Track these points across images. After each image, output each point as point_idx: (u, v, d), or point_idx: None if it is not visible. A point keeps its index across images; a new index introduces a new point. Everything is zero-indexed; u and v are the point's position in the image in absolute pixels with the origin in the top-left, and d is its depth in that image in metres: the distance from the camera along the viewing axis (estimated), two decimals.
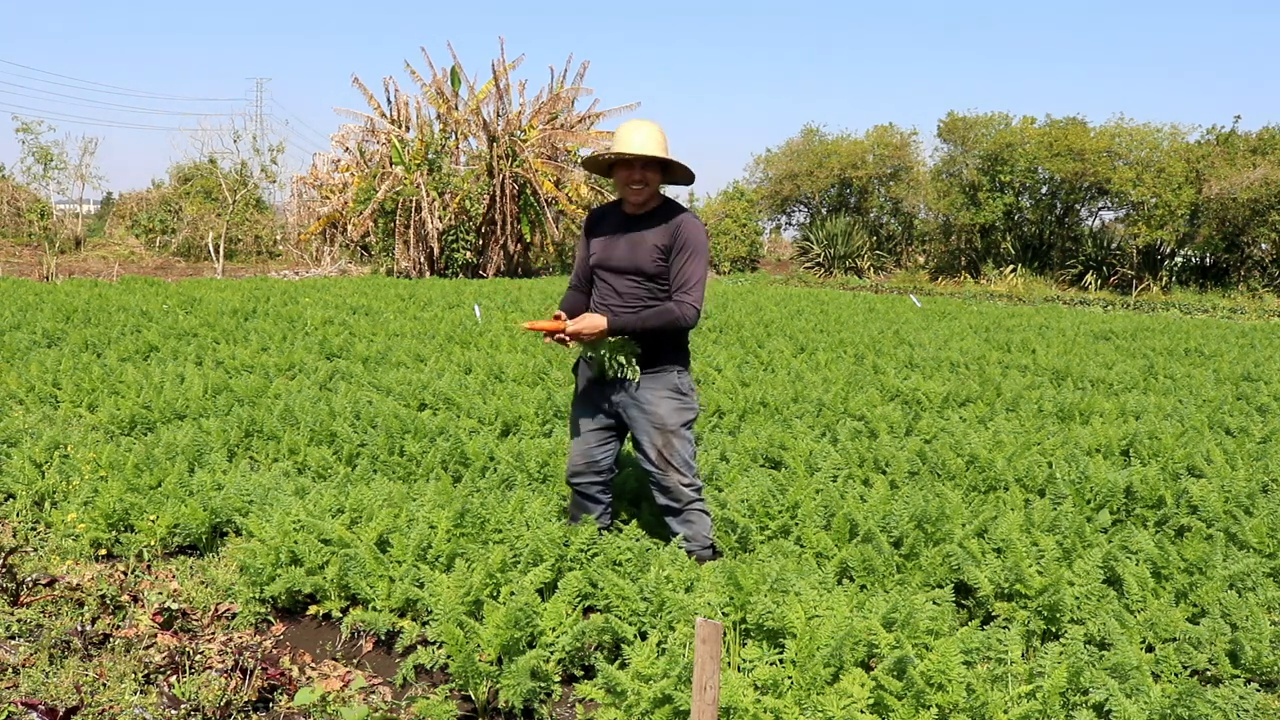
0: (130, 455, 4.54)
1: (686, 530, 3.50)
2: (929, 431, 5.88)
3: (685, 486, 3.43)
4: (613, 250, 3.37)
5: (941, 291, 25.51)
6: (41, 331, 9.14)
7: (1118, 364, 9.12)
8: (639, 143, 3.23)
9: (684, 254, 3.27)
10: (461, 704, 2.85)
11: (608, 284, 3.40)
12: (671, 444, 3.39)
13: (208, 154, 35.90)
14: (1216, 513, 4.10)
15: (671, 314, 3.25)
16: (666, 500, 3.48)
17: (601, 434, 3.55)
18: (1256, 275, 25.18)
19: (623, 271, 3.35)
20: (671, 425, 3.38)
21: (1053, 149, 27.45)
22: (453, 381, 6.95)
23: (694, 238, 3.27)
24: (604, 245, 3.41)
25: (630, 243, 3.33)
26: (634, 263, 3.31)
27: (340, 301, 13.85)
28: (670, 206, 3.38)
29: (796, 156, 34.36)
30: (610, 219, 3.46)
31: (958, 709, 2.50)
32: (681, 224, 3.29)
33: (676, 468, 3.41)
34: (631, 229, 3.36)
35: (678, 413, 3.40)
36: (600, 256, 3.41)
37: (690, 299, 3.26)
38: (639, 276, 3.32)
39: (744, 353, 9.22)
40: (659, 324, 3.26)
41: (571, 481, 3.66)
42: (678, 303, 3.27)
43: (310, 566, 3.42)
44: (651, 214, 3.36)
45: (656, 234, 3.29)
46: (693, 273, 3.27)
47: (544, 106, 26.10)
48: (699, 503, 3.50)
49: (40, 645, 3.02)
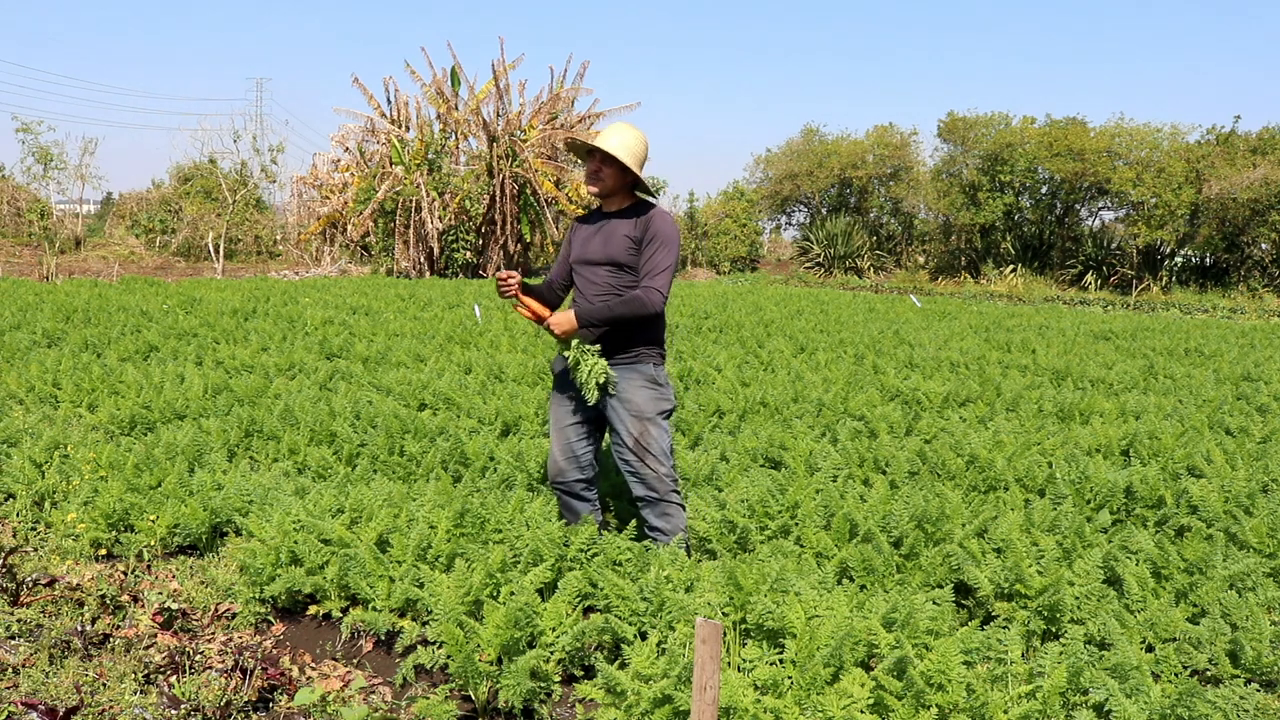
0: (130, 455, 4.54)
1: (664, 524, 3.51)
2: (929, 431, 5.88)
3: (664, 476, 3.47)
4: (589, 244, 3.54)
5: (941, 291, 25.52)
6: (41, 331, 9.14)
7: (1118, 364, 9.12)
8: (604, 138, 3.43)
9: (653, 244, 3.42)
10: (461, 704, 2.85)
11: (584, 277, 3.55)
12: (649, 432, 3.44)
13: (208, 154, 35.96)
14: (1216, 513, 4.10)
15: (638, 300, 3.37)
16: (644, 490, 3.50)
17: (580, 428, 3.60)
18: (1256, 275, 25.18)
19: (597, 263, 3.49)
20: (649, 413, 3.45)
21: (1053, 149, 27.45)
22: (453, 381, 6.95)
23: (663, 230, 3.43)
24: (582, 242, 3.59)
25: (604, 235, 3.49)
26: (607, 254, 3.46)
27: (340, 301, 13.85)
28: (642, 205, 3.54)
29: (796, 156, 34.36)
30: (590, 220, 3.65)
31: (958, 709, 2.50)
32: (652, 218, 3.46)
33: (655, 455, 3.45)
34: (606, 224, 3.53)
35: (654, 402, 3.47)
36: (578, 252, 3.58)
37: (656, 284, 3.39)
38: (611, 266, 3.46)
39: (744, 353, 9.22)
40: (626, 311, 3.38)
41: (555, 483, 3.66)
42: (644, 289, 3.39)
43: (310, 566, 3.42)
44: (624, 210, 3.52)
45: (628, 226, 3.45)
46: (660, 261, 3.41)
47: (544, 106, 26.11)
48: (676, 494, 3.52)
49: (40, 645, 3.02)
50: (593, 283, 3.50)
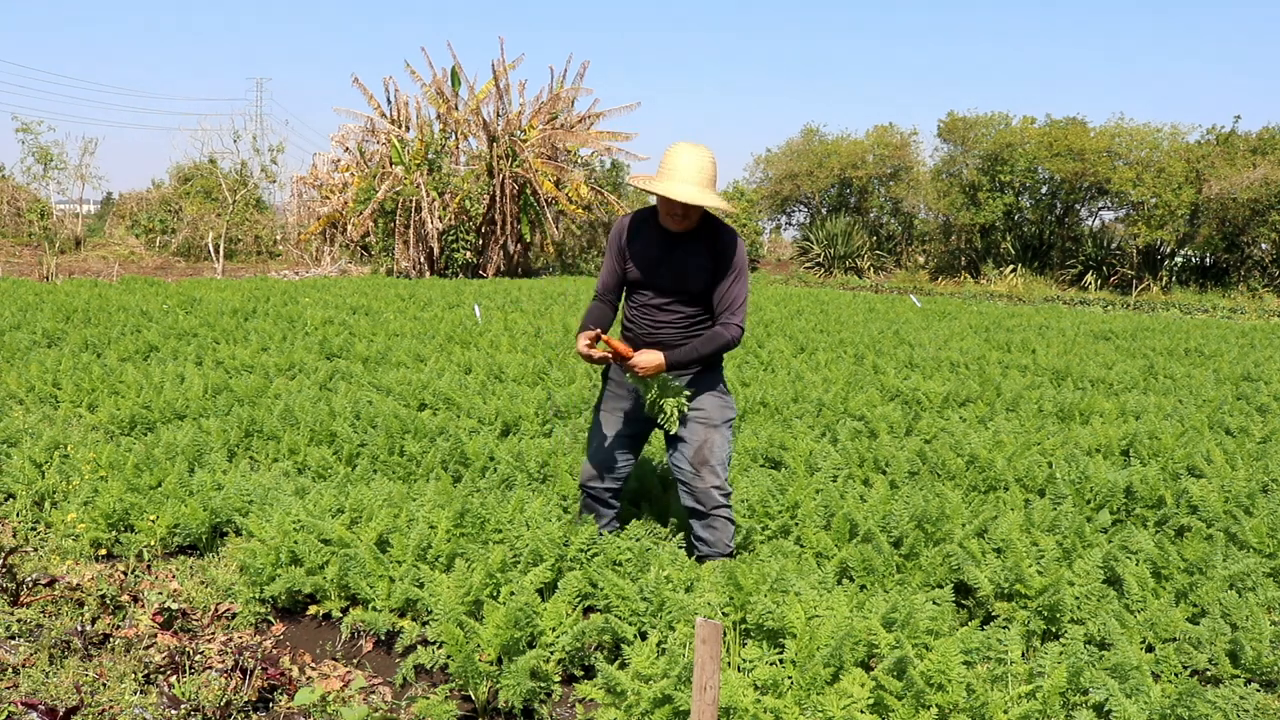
0: (130, 455, 4.54)
1: (709, 535, 3.47)
2: (929, 431, 5.88)
3: (715, 490, 3.41)
4: (656, 272, 3.34)
5: (941, 291, 25.52)
6: (41, 331, 9.14)
7: (1118, 364, 9.12)
8: (682, 188, 3.12)
9: (730, 275, 3.28)
10: (461, 704, 2.85)
11: (652, 305, 3.39)
12: (712, 440, 3.40)
13: (208, 154, 35.96)
14: (1216, 513, 4.10)
15: (721, 339, 3.31)
16: (692, 503, 3.45)
17: (624, 441, 3.55)
18: (1256, 275, 25.19)
19: (668, 292, 3.35)
20: (716, 420, 3.42)
21: (1053, 149, 27.46)
22: (453, 381, 6.95)
23: (739, 259, 3.30)
24: (645, 264, 3.35)
25: (674, 264, 3.31)
26: (681, 286, 3.32)
27: (340, 301, 13.85)
28: (711, 223, 3.33)
29: (796, 156, 34.37)
30: (647, 233, 3.37)
31: (958, 709, 2.50)
32: (727, 243, 3.27)
33: (713, 467, 3.39)
34: (674, 248, 3.30)
35: (721, 409, 3.45)
36: (642, 276, 3.37)
37: (736, 320, 3.31)
38: (684, 297, 3.34)
39: (744, 353, 9.22)
40: (711, 350, 3.32)
41: (585, 485, 3.63)
42: (724, 325, 3.31)
43: (310, 566, 3.42)
44: (694, 232, 3.30)
45: (699, 250, 3.28)
46: (738, 294, 3.30)
47: (544, 106, 26.11)
48: (726, 509, 3.46)
49: (40, 645, 3.02)
50: (659, 309, 3.37)
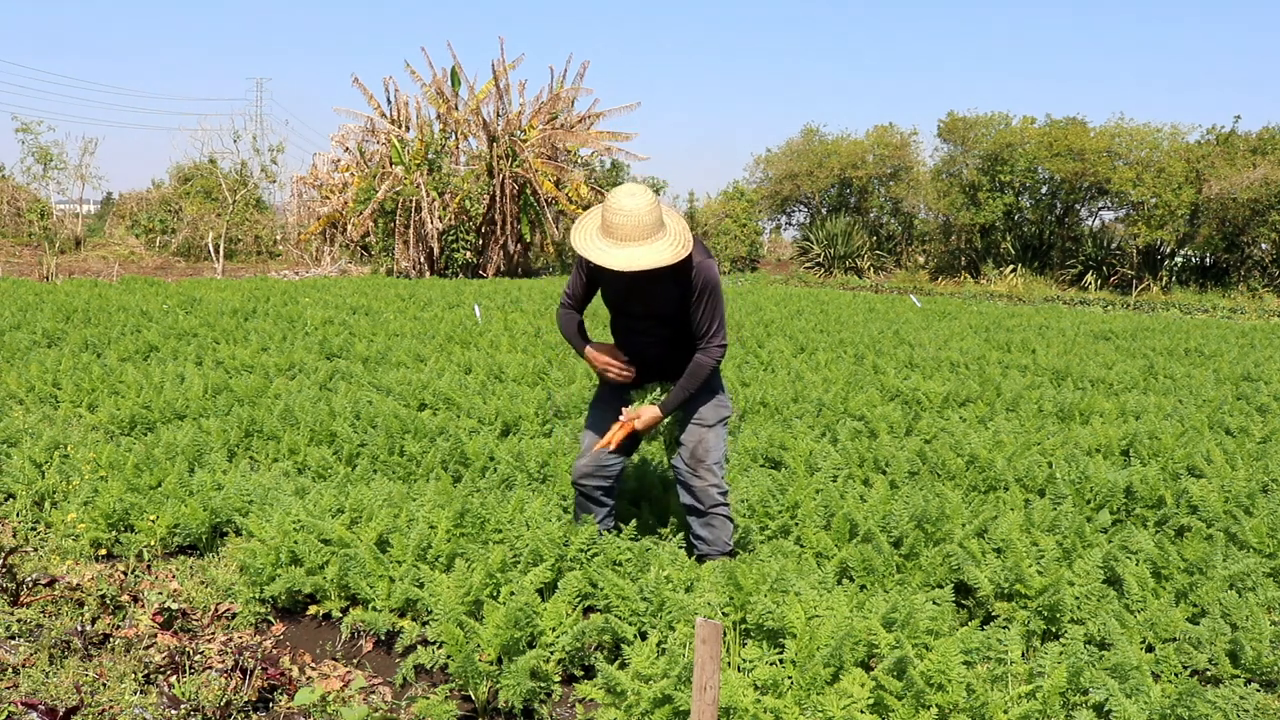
0: (130, 455, 4.54)
1: (708, 534, 3.50)
2: (929, 431, 5.88)
3: (712, 488, 3.44)
4: (626, 302, 3.40)
5: (941, 291, 25.51)
6: (41, 331, 9.14)
7: (1118, 364, 9.12)
8: (624, 255, 3.06)
9: (702, 300, 3.25)
10: (461, 704, 2.85)
11: (629, 326, 3.47)
12: (707, 441, 3.44)
13: (208, 154, 35.88)
14: (1216, 513, 4.10)
15: (706, 367, 3.33)
16: (691, 501, 3.49)
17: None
18: (1256, 275, 25.18)
19: (641, 317, 3.41)
20: (710, 420, 3.46)
21: (1053, 149, 27.46)
22: (453, 381, 6.95)
23: (708, 279, 3.23)
24: (613, 293, 3.41)
25: (643, 295, 3.32)
26: (652, 312, 3.36)
27: (340, 301, 13.85)
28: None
29: (796, 156, 34.37)
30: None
31: (958, 709, 2.50)
32: (692, 268, 3.21)
33: (709, 466, 3.43)
34: (637, 278, 3.21)
35: (715, 409, 3.48)
36: (615, 300, 3.44)
37: (716, 341, 3.32)
38: (658, 320, 3.38)
39: (744, 353, 9.22)
40: (699, 383, 3.35)
41: (577, 482, 3.64)
42: (704, 351, 3.32)
43: (310, 566, 3.42)
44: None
45: (667, 280, 3.23)
46: (713, 317, 3.29)
47: (544, 106, 26.11)
48: (724, 507, 3.49)
49: (40, 645, 3.02)
50: (644, 334, 3.43)
